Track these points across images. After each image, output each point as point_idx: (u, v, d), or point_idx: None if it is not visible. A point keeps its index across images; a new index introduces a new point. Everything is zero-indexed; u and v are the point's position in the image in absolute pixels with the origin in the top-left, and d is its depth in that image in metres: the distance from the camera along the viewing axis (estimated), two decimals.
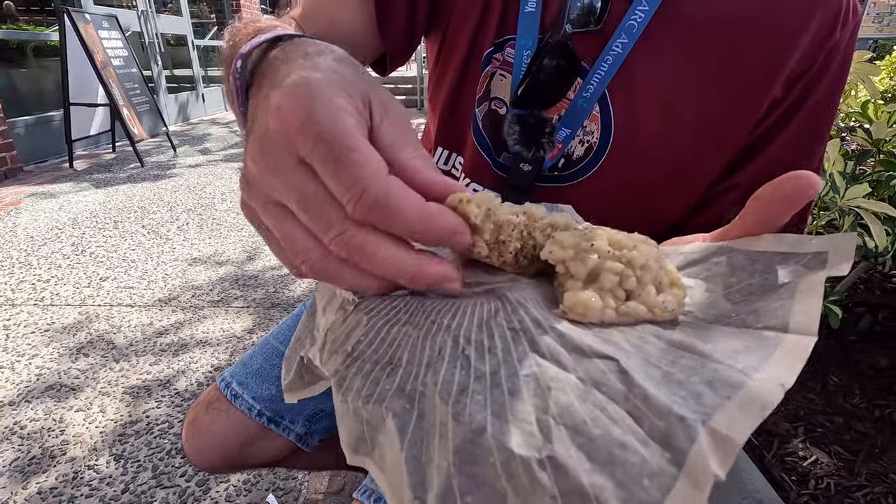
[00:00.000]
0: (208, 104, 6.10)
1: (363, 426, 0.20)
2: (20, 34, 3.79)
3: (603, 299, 0.20)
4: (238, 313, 1.71)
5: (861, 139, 0.94)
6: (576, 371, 0.18)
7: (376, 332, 0.22)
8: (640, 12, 0.43)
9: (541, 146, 0.46)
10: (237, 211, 2.71)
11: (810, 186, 0.20)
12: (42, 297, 1.80)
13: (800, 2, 0.42)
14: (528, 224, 0.24)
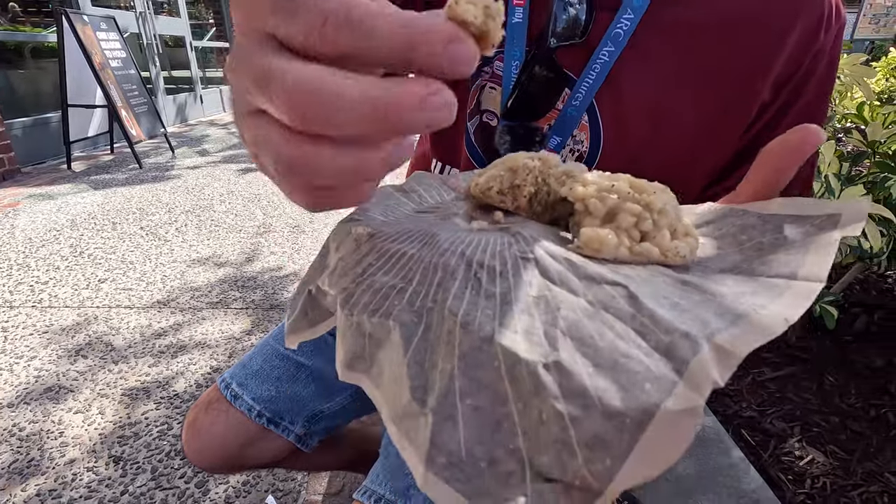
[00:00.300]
0: (206, 105, 6.10)
1: (365, 340, 0.20)
2: (17, 35, 3.79)
3: (618, 237, 0.20)
4: (237, 315, 1.71)
5: (857, 141, 0.95)
6: (585, 296, 0.18)
7: (388, 256, 0.22)
8: (626, 20, 0.43)
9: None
10: (236, 212, 2.71)
11: (815, 136, 0.21)
12: (40, 298, 1.80)
13: (783, 5, 0.42)
14: (542, 170, 0.24)
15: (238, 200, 2.91)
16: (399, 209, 0.30)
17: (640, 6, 0.43)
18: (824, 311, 0.83)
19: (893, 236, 0.80)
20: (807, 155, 0.21)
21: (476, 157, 0.52)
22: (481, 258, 0.20)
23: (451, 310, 0.18)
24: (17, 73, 3.79)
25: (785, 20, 0.42)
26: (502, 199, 0.25)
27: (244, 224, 2.55)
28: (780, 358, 1.00)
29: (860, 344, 1.00)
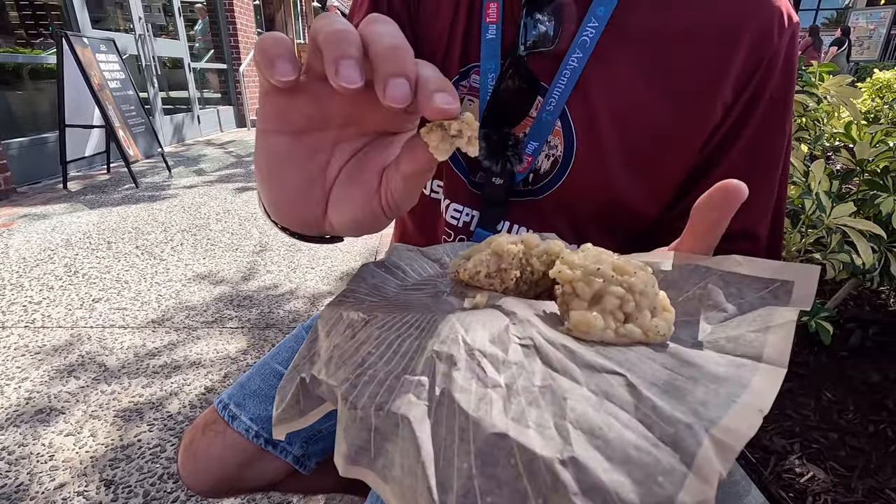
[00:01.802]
0: (203, 125, 6.14)
1: (370, 434, 0.20)
2: (17, 57, 3.82)
3: (605, 320, 0.22)
4: (232, 334, 1.70)
5: (845, 159, 0.97)
6: (587, 384, 0.19)
7: (388, 344, 0.23)
8: (591, 29, 0.46)
9: (507, 159, 0.49)
10: (232, 231, 2.71)
11: (736, 192, 0.24)
12: (33, 319, 1.78)
13: (737, 11, 0.45)
14: (525, 252, 0.26)
15: (234, 219, 2.92)
16: (385, 288, 0.31)
17: (604, 15, 0.46)
18: (819, 326, 0.84)
19: (885, 252, 0.82)
20: (731, 211, 0.24)
21: (458, 166, 0.55)
22: (482, 346, 0.21)
23: (460, 405, 0.19)
24: (15, 94, 3.81)
25: (739, 25, 0.45)
26: (490, 282, 0.26)
27: (240, 243, 2.55)
28: None
29: (856, 359, 1.01)
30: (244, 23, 6.84)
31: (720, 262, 0.25)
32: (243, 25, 6.80)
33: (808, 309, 0.22)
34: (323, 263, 2.31)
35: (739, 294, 0.23)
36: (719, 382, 0.18)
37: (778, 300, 0.22)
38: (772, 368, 0.19)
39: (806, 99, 0.89)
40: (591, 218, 0.53)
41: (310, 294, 2.01)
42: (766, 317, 0.21)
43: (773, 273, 0.23)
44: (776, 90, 0.47)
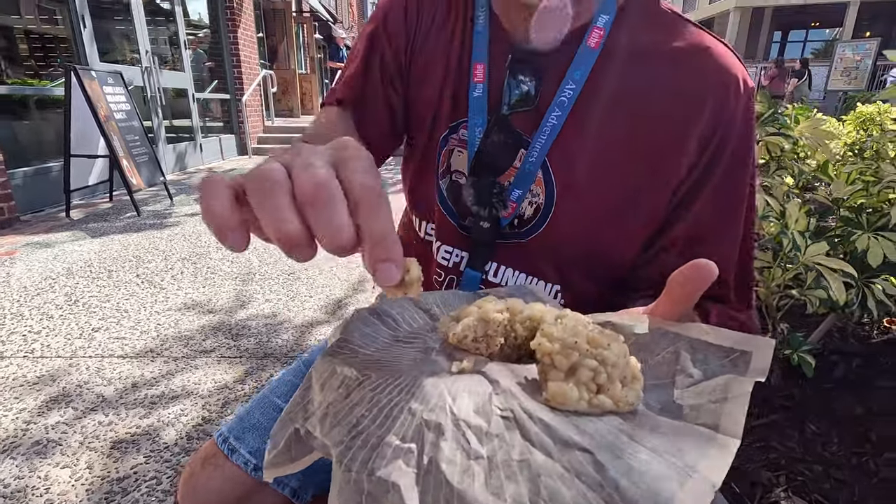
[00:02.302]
0: (206, 153, 6.25)
1: (362, 498, 0.21)
2: (25, 89, 3.92)
3: (579, 391, 0.25)
4: (230, 363, 1.71)
5: (822, 197, 1.02)
6: (560, 460, 0.21)
7: (380, 408, 0.25)
8: (569, 90, 0.51)
9: (493, 206, 0.54)
10: (231, 259, 2.74)
11: (707, 270, 0.27)
12: (32, 349, 1.80)
13: (698, 78, 0.50)
14: (510, 319, 0.29)
15: None
16: (378, 338, 0.34)
17: (580, 78, 0.51)
18: (802, 359, 0.87)
19: (862, 287, 0.85)
20: (702, 286, 0.28)
21: (448, 210, 0.59)
22: (467, 415, 0.24)
23: (446, 476, 0.21)
24: (22, 124, 3.89)
25: (701, 91, 0.50)
26: (477, 346, 0.29)
27: (240, 271, 2.58)
28: (764, 406, 1.02)
29: (840, 392, 1.03)
30: (248, 55, 7.03)
31: (689, 329, 0.28)
32: (247, 57, 6.99)
33: (762, 380, 0.25)
34: (321, 292, 2.34)
35: (705, 360, 0.26)
36: (679, 455, 0.22)
37: (737, 369, 0.25)
38: (726, 439, 0.22)
39: (781, 141, 0.94)
40: (573, 259, 0.57)
41: (307, 323, 2.02)
42: (724, 387, 0.25)
43: (734, 343, 0.27)
44: (736, 149, 0.51)
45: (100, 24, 4.34)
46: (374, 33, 0.61)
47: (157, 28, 5.46)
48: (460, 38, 0.57)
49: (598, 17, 0.52)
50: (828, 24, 15.12)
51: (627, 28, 0.52)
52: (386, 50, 0.60)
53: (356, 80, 0.61)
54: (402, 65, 0.60)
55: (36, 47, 4.52)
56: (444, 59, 0.57)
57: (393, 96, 0.61)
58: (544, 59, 0.52)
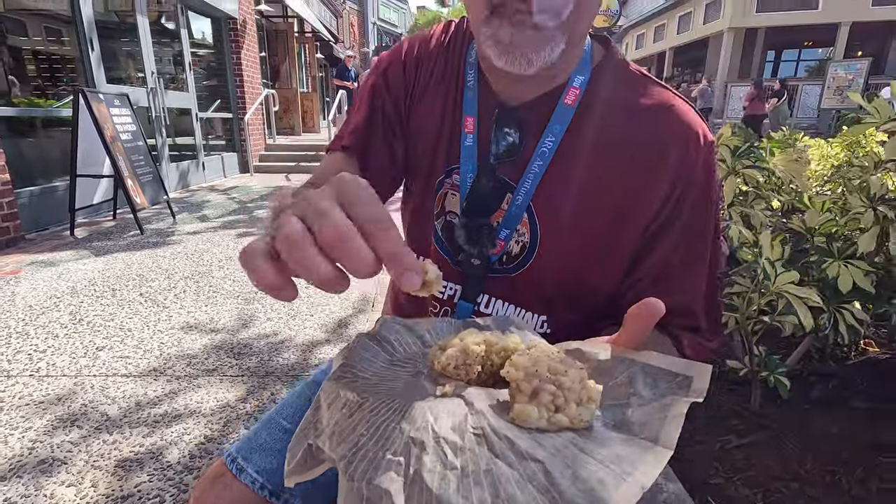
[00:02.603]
0: (208, 171, 6.34)
1: (362, 502, 0.27)
2: (35, 111, 4.01)
3: (539, 411, 0.30)
4: (232, 382, 1.75)
5: (797, 226, 1.07)
6: (517, 469, 0.27)
7: (376, 428, 0.31)
8: (549, 142, 0.58)
9: (483, 244, 0.60)
10: (234, 278, 2.79)
11: (656, 308, 0.34)
12: (38, 367, 1.83)
13: (663, 130, 0.56)
14: (487, 350, 0.36)
15: (236, 266, 3.00)
16: (376, 361, 0.40)
17: (560, 131, 0.57)
18: (778, 381, 0.91)
19: (833, 313, 0.90)
20: (653, 322, 0.34)
21: (443, 248, 0.65)
22: (445, 434, 0.29)
23: (427, 483, 0.26)
24: (29, 144, 3.97)
25: (665, 143, 0.56)
26: (458, 373, 0.35)
27: (241, 290, 2.62)
28: (745, 426, 1.06)
29: (817, 412, 1.07)
30: (251, 75, 7.17)
31: (643, 356, 0.35)
32: (249, 77, 7.13)
33: (700, 400, 0.30)
34: (321, 311, 2.38)
35: (654, 384, 0.32)
36: (619, 461, 0.27)
37: (681, 391, 0.31)
38: (661, 450, 0.27)
39: (755, 174, 1.00)
40: (556, 292, 0.62)
41: (308, 342, 2.06)
42: (667, 406, 0.30)
43: (679, 369, 0.33)
44: (698, 196, 0.57)
45: (107, 45, 4.46)
46: (376, 85, 0.67)
47: (162, 49, 5.59)
48: (454, 93, 0.64)
49: (575, 77, 0.58)
50: (820, 43, 15.40)
51: (601, 88, 0.59)
52: (387, 101, 0.66)
53: (361, 128, 0.67)
54: (402, 115, 0.67)
55: (43, 67, 4.63)
56: (440, 112, 0.64)
57: (394, 144, 0.67)
58: (526, 115, 0.59)
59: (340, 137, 0.68)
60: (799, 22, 13.37)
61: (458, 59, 0.64)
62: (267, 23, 9.31)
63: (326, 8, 13.65)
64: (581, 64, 0.59)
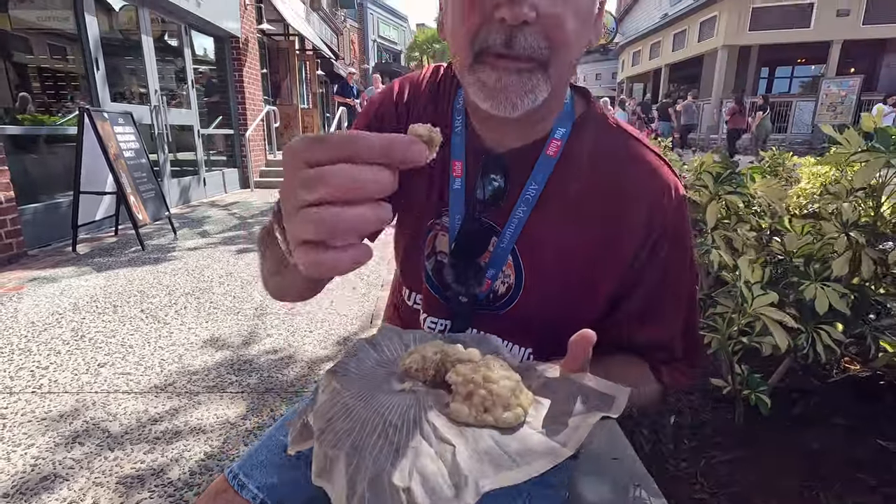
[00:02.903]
0: (209, 187, 6.40)
1: (326, 462, 0.34)
2: (41, 129, 4.08)
3: (470, 410, 0.37)
4: (232, 399, 1.77)
5: (777, 248, 1.12)
6: (435, 448, 0.34)
7: (346, 410, 0.39)
8: (533, 189, 0.61)
9: (470, 284, 0.64)
10: (234, 294, 2.83)
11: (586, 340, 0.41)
12: (40, 384, 1.86)
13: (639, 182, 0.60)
14: (442, 359, 0.43)
15: (236, 282, 3.04)
16: (366, 361, 0.48)
17: (542, 180, 0.61)
18: (759, 399, 0.94)
19: (811, 333, 0.94)
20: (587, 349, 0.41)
21: (434, 287, 0.68)
22: (392, 418, 0.37)
23: (369, 452, 0.34)
24: (33, 161, 4.03)
25: (639, 195, 0.60)
26: (417, 374, 0.43)
27: (242, 306, 2.66)
28: (729, 442, 1.09)
29: (798, 428, 1.10)
30: (252, 92, 7.29)
31: (580, 377, 0.42)
32: (251, 94, 7.25)
33: (616, 417, 0.36)
34: (321, 327, 2.41)
35: (585, 399, 0.39)
36: (523, 455, 0.33)
37: (603, 407, 0.37)
38: (561, 450, 0.33)
39: (736, 200, 1.04)
40: (542, 329, 0.66)
41: (308, 359, 2.09)
42: (583, 418, 0.37)
43: (606, 390, 0.39)
44: (671, 245, 0.61)
45: (112, 64, 4.55)
46: (370, 127, 0.71)
47: (165, 67, 5.70)
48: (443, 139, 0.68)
49: (557, 129, 0.62)
50: (813, 60, 15.66)
51: (582, 140, 0.62)
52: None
53: None
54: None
55: (48, 85, 4.72)
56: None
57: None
58: (511, 163, 0.62)
59: None
60: (791, 40, 13.63)
61: (446, 104, 0.68)
62: (268, 41, 9.48)
63: (327, 26, 13.89)
64: (563, 116, 0.63)
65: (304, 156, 0.30)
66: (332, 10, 15.25)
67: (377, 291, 2.92)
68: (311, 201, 0.29)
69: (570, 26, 0.51)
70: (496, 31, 0.50)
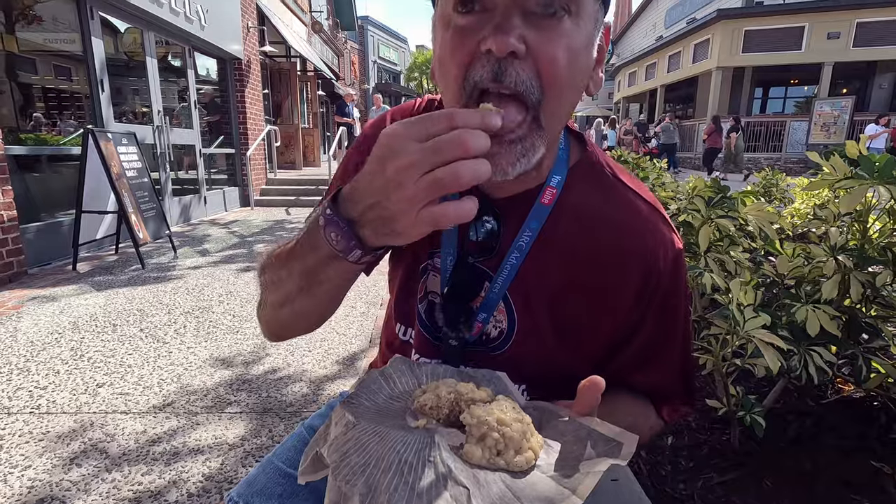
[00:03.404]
0: (209, 205, 6.45)
1: (340, 497, 0.35)
2: (44, 150, 4.13)
3: (483, 452, 0.38)
4: (231, 419, 1.77)
5: (768, 271, 1.14)
6: (448, 490, 0.35)
7: (360, 445, 0.39)
8: (527, 237, 0.61)
9: (460, 328, 0.63)
10: (233, 313, 2.83)
11: (597, 387, 0.42)
12: (38, 404, 1.86)
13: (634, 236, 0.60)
14: (456, 398, 0.44)
15: (236, 301, 3.05)
16: (379, 394, 0.49)
17: (536, 227, 0.61)
18: (754, 421, 0.96)
19: (804, 354, 0.96)
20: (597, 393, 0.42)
21: (426, 328, 0.68)
22: (407, 456, 0.38)
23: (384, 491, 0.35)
24: (35, 180, 4.07)
25: (635, 249, 0.60)
26: (431, 412, 0.44)
27: (241, 325, 2.66)
28: (727, 463, 1.10)
29: (793, 449, 1.11)
30: (253, 112, 7.39)
31: (590, 422, 0.43)
32: (252, 114, 7.35)
33: (624, 463, 0.37)
34: (320, 346, 2.42)
35: (594, 444, 0.40)
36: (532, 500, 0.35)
37: (612, 453, 0.39)
38: (573, 499, 0.34)
39: (727, 224, 1.07)
40: (534, 374, 0.65)
41: (307, 379, 2.09)
42: (593, 464, 0.38)
43: (614, 435, 0.40)
44: (666, 297, 0.61)
45: (116, 84, 4.64)
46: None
47: (169, 88, 5.79)
48: None
49: (552, 177, 0.62)
50: (805, 81, 15.94)
51: (576, 189, 0.62)
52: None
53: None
54: None
55: (52, 105, 4.79)
56: None
57: None
58: (506, 209, 0.62)
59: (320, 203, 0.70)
60: (783, 62, 13.90)
61: None
62: (270, 62, 9.65)
63: (328, 47, 14.14)
64: (557, 163, 0.62)
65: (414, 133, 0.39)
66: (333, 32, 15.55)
67: (376, 310, 2.93)
68: (439, 163, 0.38)
69: (562, 64, 0.49)
70: (482, 66, 0.48)
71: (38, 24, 4.22)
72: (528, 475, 0.37)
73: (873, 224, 1.03)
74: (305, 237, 0.51)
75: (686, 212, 1.11)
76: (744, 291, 0.98)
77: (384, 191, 0.40)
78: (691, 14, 17.86)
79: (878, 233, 1.03)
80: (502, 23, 0.47)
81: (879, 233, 1.03)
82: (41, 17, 4.21)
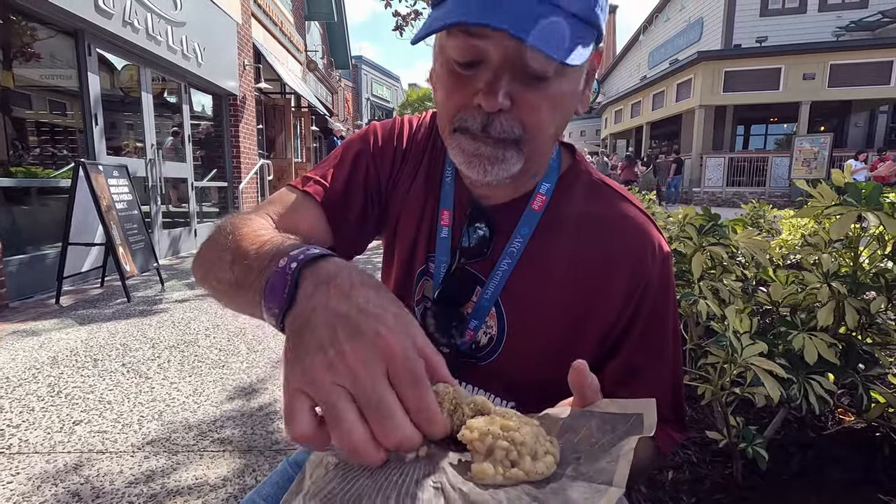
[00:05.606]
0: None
1: None
2: (34, 182, 4.11)
3: (495, 468, 0.32)
4: (213, 458, 1.69)
5: (763, 299, 1.14)
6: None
7: (346, 482, 0.33)
8: (518, 243, 0.62)
9: (451, 334, 0.63)
10: (220, 347, 2.76)
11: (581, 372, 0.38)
12: (9, 444, 1.76)
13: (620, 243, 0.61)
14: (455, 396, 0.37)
15: (223, 335, 2.98)
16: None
17: (527, 233, 0.63)
18: (756, 453, 0.92)
19: (803, 383, 0.94)
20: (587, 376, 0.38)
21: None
22: (409, 486, 0.31)
23: None
24: (22, 212, 4.01)
25: (622, 253, 0.60)
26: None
27: (227, 359, 2.59)
28: (730, 498, 1.06)
29: (797, 482, 1.08)
30: (247, 146, 7.46)
31: (598, 405, 0.38)
32: (246, 149, 7.41)
33: (651, 435, 0.32)
34: None
35: (612, 428, 0.35)
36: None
37: (635, 429, 0.33)
38: (614, 490, 0.29)
39: (720, 251, 1.07)
40: (524, 382, 0.65)
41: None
42: (618, 448, 0.32)
43: (630, 409, 0.35)
44: (654, 304, 0.61)
45: (110, 118, 4.67)
46: (362, 151, 0.69)
47: (163, 122, 5.84)
48: (434, 186, 0.69)
49: (542, 184, 0.64)
50: (785, 119, 16.55)
51: (566, 195, 0.64)
52: (370, 169, 0.69)
53: (339, 191, 0.66)
54: (383, 192, 0.70)
55: (45, 139, 4.80)
56: (423, 202, 0.69)
57: (368, 208, 0.69)
58: (497, 216, 0.64)
59: (310, 181, 0.67)
60: (763, 101, 14.45)
61: (440, 152, 0.70)
62: (265, 98, 9.82)
63: (322, 85, 14.48)
64: (548, 171, 0.65)
65: (394, 367, 0.33)
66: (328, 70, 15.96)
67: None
68: (358, 396, 0.32)
69: (544, 112, 0.53)
70: (473, 117, 0.53)
71: (37, 61, 4.27)
72: (553, 481, 0.32)
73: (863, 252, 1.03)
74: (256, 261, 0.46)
75: (678, 239, 1.11)
76: (739, 319, 0.97)
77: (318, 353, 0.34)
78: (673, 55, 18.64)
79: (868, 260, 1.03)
80: (493, 82, 0.50)
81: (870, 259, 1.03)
82: (39, 55, 4.27)
